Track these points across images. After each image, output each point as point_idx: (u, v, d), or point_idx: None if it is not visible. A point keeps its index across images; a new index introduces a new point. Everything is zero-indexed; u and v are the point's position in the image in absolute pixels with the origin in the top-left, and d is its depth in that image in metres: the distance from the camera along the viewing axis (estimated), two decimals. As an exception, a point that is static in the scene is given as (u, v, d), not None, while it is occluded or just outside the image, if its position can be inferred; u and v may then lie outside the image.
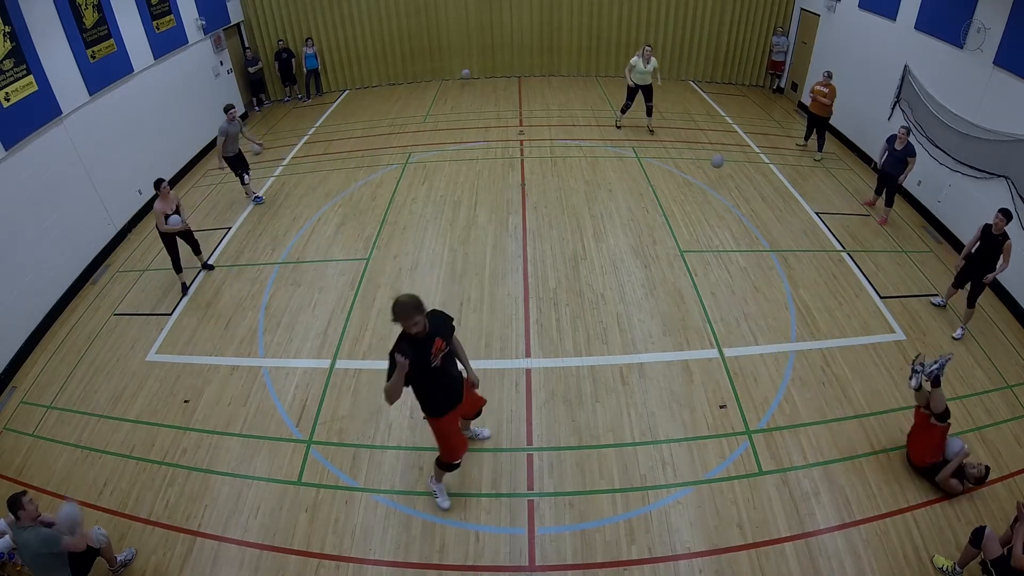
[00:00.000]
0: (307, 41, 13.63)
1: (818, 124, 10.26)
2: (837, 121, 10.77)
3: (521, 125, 11.89)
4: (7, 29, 6.70)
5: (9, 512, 3.93)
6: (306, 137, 11.96)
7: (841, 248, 7.99)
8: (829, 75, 9.90)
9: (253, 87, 13.64)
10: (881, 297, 7.07)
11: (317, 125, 12.58)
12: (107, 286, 7.75)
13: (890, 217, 8.58)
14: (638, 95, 10.89)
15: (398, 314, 3.74)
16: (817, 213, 8.79)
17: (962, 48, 7.77)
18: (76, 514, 4.12)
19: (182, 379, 6.16)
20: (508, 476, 5.03)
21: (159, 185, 7.02)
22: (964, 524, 4.62)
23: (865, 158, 10.28)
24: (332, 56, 14.32)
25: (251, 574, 4.40)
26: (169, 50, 10.29)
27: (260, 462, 5.23)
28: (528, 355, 6.24)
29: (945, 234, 8.21)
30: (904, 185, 8.45)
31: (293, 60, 13.70)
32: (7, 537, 4.19)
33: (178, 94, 10.43)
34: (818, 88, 9.88)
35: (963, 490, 4.78)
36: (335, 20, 13.84)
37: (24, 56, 6.96)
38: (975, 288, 6.32)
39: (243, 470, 5.17)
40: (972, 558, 4.18)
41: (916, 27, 8.85)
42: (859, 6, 10.41)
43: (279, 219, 8.92)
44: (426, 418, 4.33)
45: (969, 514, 4.71)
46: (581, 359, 6.16)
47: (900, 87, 9.23)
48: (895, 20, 9.36)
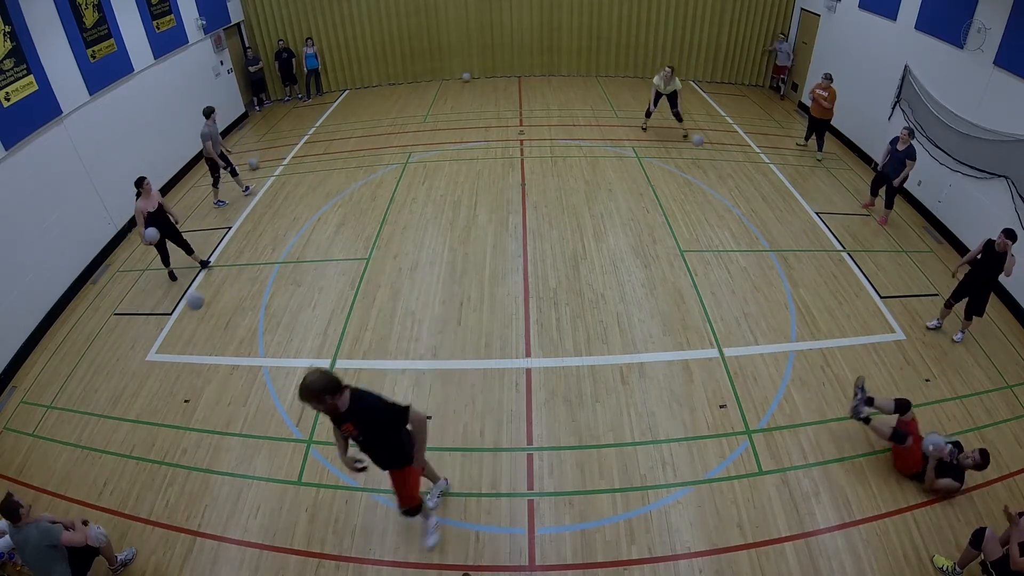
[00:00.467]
0: (307, 41, 13.64)
1: (819, 126, 10.25)
2: (837, 121, 10.76)
3: (521, 125, 11.89)
4: (7, 29, 6.70)
5: (5, 518, 3.94)
6: (306, 137, 11.96)
7: (841, 248, 7.99)
8: (829, 77, 9.84)
9: (253, 87, 13.66)
10: (881, 297, 7.07)
11: (317, 125, 12.59)
12: (107, 286, 7.75)
13: (890, 217, 8.58)
14: (662, 100, 10.98)
15: (300, 395, 3.59)
16: (817, 213, 8.79)
17: (962, 48, 7.77)
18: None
19: (182, 379, 6.16)
20: (508, 476, 5.03)
21: (141, 183, 7.01)
22: (964, 524, 4.62)
23: (865, 158, 10.28)
24: (332, 56, 14.32)
25: (251, 574, 4.40)
26: (169, 50, 10.30)
27: (260, 462, 5.23)
28: (528, 355, 6.24)
29: (945, 234, 8.21)
30: (904, 185, 8.44)
31: (293, 60, 13.72)
32: (7, 537, 4.19)
33: (178, 94, 10.43)
34: (818, 91, 9.84)
35: (961, 486, 4.73)
36: (335, 20, 13.84)
37: (24, 56, 6.96)
38: (973, 303, 6.20)
39: (243, 470, 5.17)
40: (972, 559, 4.18)
41: (916, 27, 8.85)
42: (859, 6, 10.41)
43: (279, 219, 8.92)
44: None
45: (969, 514, 4.71)
46: (581, 359, 6.16)
47: (900, 87, 9.22)
48: (895, 20, 9.36)
